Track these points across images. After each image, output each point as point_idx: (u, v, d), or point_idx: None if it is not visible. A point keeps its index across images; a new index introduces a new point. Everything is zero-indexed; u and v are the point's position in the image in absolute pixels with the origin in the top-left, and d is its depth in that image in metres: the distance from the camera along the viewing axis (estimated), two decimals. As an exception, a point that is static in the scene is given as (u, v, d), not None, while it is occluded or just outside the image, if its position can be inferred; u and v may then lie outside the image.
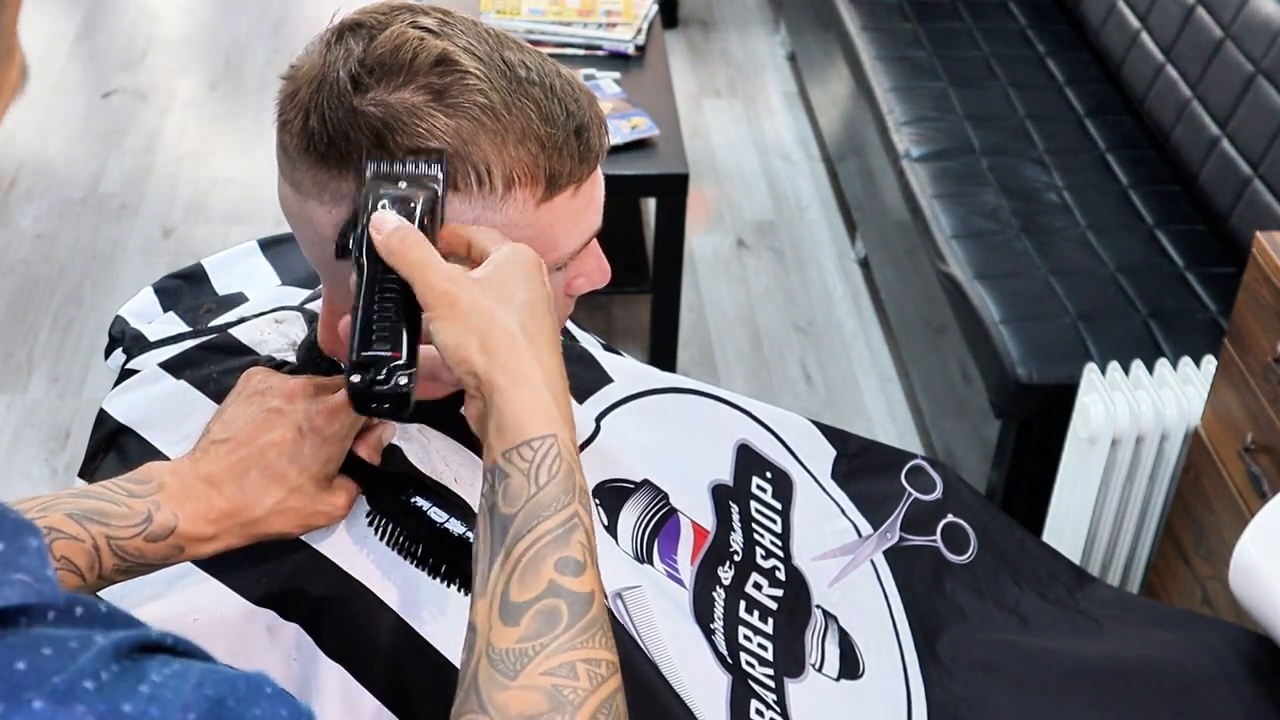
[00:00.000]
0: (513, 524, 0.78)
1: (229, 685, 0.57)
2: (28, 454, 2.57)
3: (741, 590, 1.17)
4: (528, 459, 0.79)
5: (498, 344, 0.81)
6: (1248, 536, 1.40)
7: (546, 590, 0.76)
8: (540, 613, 0.75)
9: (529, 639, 0.75)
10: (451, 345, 0.81)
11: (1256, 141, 2.22)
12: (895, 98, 2.78)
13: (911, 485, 1.37)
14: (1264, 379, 1.68)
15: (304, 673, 0.93)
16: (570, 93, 0.91)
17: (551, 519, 0.78)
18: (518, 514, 0.78)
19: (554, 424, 0.81)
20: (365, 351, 0.82)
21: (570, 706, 0.73)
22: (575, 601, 0.76)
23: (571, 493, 0.79)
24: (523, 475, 0.79)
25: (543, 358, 0.82)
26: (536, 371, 0.81)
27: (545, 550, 0.77)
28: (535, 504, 0.78)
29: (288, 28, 4.00)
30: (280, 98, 0.92)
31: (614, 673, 0.76)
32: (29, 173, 3.36)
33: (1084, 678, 1.27)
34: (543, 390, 0.81)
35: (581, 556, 0.77)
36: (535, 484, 0.79)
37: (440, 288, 0.81)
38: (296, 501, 0.90)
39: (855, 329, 2.97)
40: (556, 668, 0.74)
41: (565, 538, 0.78)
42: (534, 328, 0.82)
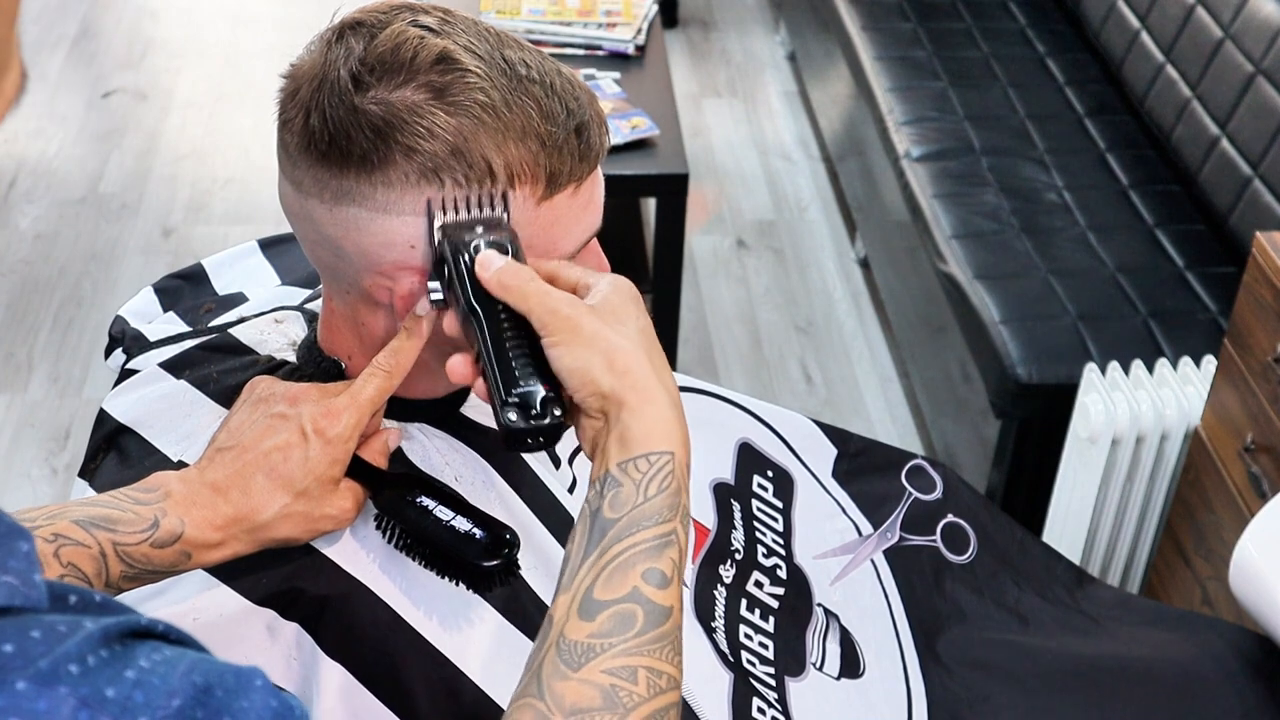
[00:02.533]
0: (612, 528, 0.80)
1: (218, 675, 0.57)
2: (28, 454, 2.56)
3: (743, 588, 1.17)
4: (643, 470, 0.81)
5: (626, 365, 0.82)
6: (1248, 536, 1.40)
7: (629, 595, 0.77)
8: (617, 614, 0.77)
9: (600, 636, 0.76)
10: (578, 368, 0.82)
11: (1256, 141, 2.22)
12: (895, 98, 2.78)
13: (912, 485, 1.37)
14: (1264, 379, 1.68)
15: (304, 672, 0.93)
16: (570, 91, 0.91)
17: (650, 530, 0.79)
18: (620, 519, 0.80)
19: (674, 442, 0.82)
20: (516, 389, 0.84)
21: (622, 708, 0.74)
22: (653, 611, 0.77)
23: (676, 510, 0.81)
24: (634, 485, 0.81)
25: (665, 379, 0.84)
26: (662, 390, 0.83)
27: (637, 557, 0.78)
28: (639, 513, 0.80)
29: (288, 27, 4.00)
30: (281, 96, 0.92)
31: (674, 688, 0.77)
32: (29, 173, 3.36)
33: (1084, 678, 1.28)
34: (668, 408, 0.83)
35: (669, 572, 0.79)
36: (644, 494, 0.80)
37: (562, 313, 0.83)
38: (302, 506, 0.90)
39: (855, 329, 2.97)
40: (619, 669, 0.75)
41: (659, 550, 0.79)
42: (654, 351, 0.85)
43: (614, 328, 0.83)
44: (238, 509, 0.89)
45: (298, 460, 0.90)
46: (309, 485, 0.90)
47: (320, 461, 0.90)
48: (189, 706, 0.55)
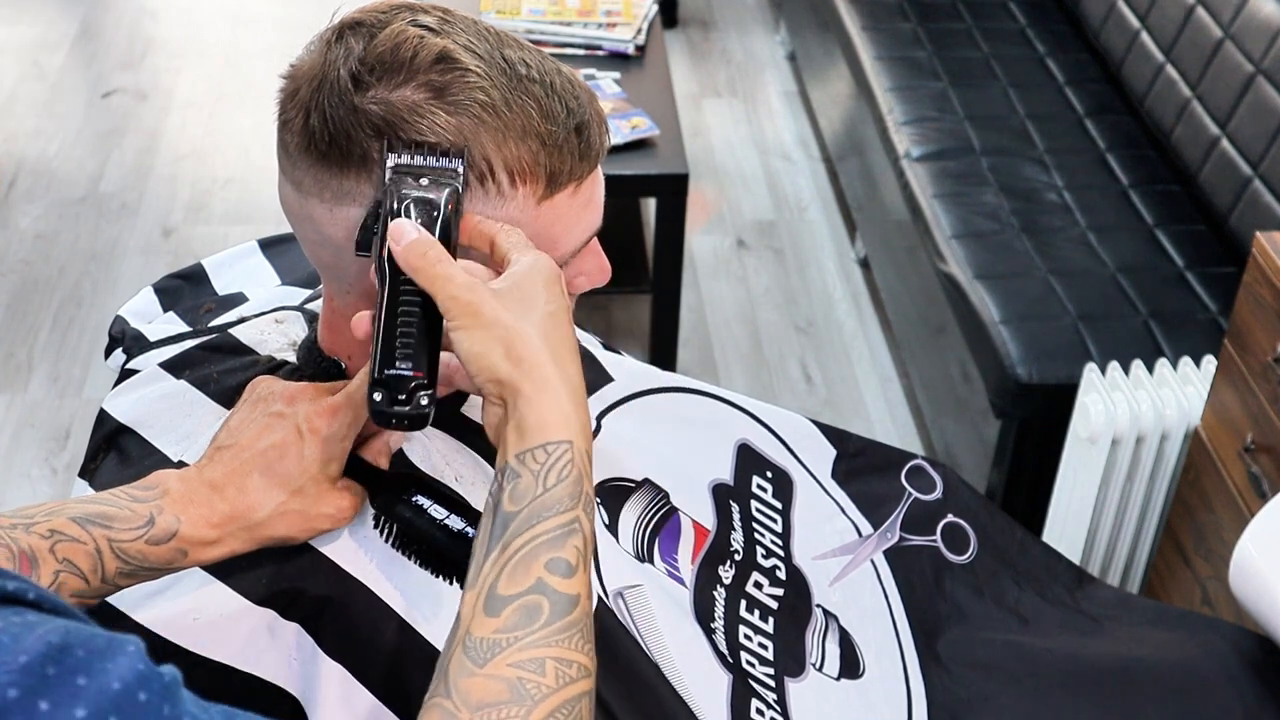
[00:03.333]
0: (514, 521, 0.79)
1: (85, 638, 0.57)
2: (28, 454, 2.56)
3: (742, 589, 1.17)
4: (540, 461, 0.80)
5: (523, 352, 0.81)
6: (1248, 536, 1.40)
7: (533, 587, 0.76)
8: (522, 607, 0.76)
9: (505, 631, 0.75)
10: (475, 354, 0.82)
11: (1256, 141, 2.22)
12: (895, 98, 2.78)
13: (911, 485, 1.37)
14: (1264, 379, 1.68)
15: (304, 672, 0.93)
16: (570, 90, 0.92)
17: (552, 520, 0.79)
18: (520, 512, 0.79)
19: (572, 431, 0.81)
20: (388, 370, 0.83)
21: (530, 700, 0.73)
22: (559, 601, 0.76)
23: (577, 499, 0.80)
24: (532, 476, 0.80)
25: (565, 366, 0.83)
26: (559, 379, 0.82)
27: (540, 549, 0.78)
28: (539, 504, 0.79)
29: (288, 27, 4.00)
30: (281, 97, 0.92)
31: (585, 677, 0.76)
32: (29, 173, 3.36)
33: (1084, 678, 1.28)
34: (564, 397, 0.82)
35: (574, 560, 0.78)
36: (543, 485, 0.79)
37: (463, 299, 0.82)
38: (298, 504, 0.90)
39: (855, 329, 2.97)
40: (525, 661, 0.74)
41: (562, 540, 0.78)
42: (556, 337, 0.83)
43: (517, 312, 0.82)
44: (234, 507, 0.89)
45: (293, 459, 0.90)
46: (305, 484, 0.90)
47: (315, 460, 0.90)
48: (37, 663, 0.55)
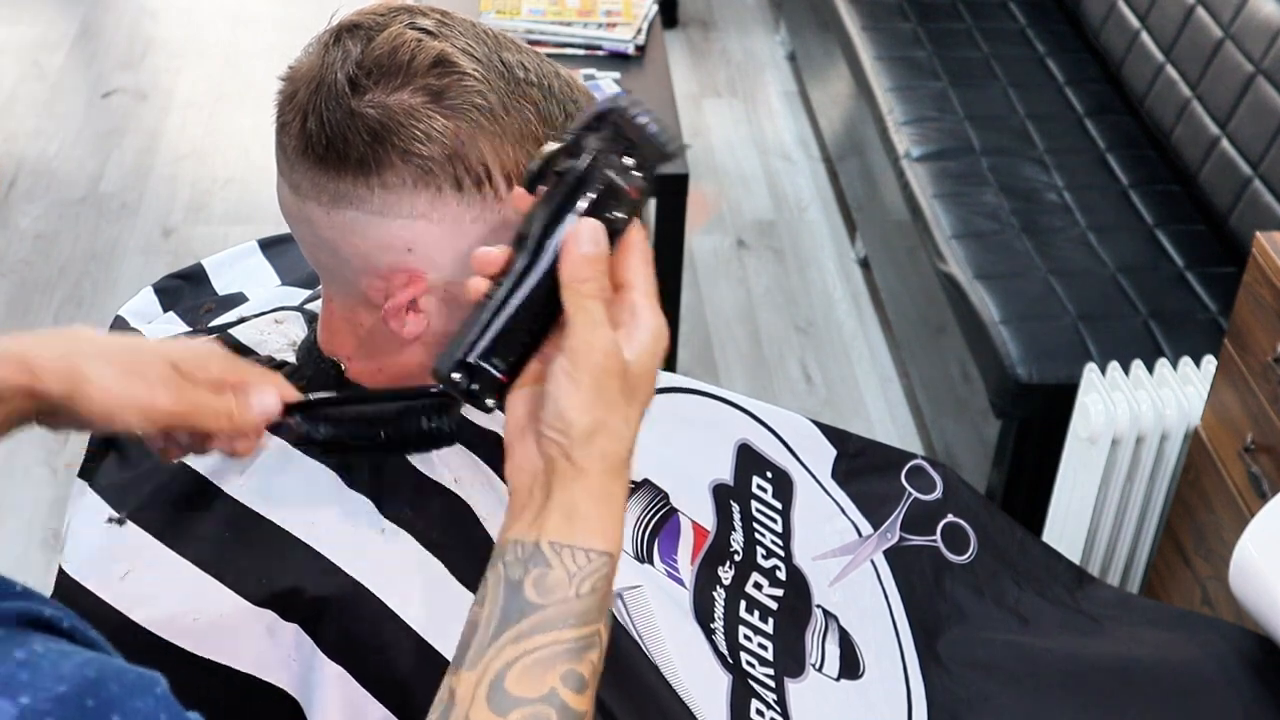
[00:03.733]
0: (534, 613, 0.75)
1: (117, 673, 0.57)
2: (28, 454, 2.57)
3: (742, 590, 1.17)
4: (580, 565, 0.77)
5: (610, 446, 0.78)
6: (1248, 536, 1.40)
7: (545, 696, 0.74)
8: (531, 715, 0.73)
9: None
10: (566, 411, 0.76)
11: (1256, 141, 2.22)
12: (895, 98, 2.78)
13: (911, 485, 1.37)
14: (1264, 379, 1.68)
15: (304, 673, 0.93)
16: (569, 94, 0.92)
17: (578, 629, 0.76)
18: (546, 608, 0.76)
19: (615, 546, 0.78)
20: (483, 359, 0.78)
21: None
22: (567, 717, 0.74)
23: (603, 612, 0.78)
24: (567, 576, 0.76)
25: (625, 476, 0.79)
26: (623, 490, 0.79)
27: (560, 657, 0.75)
28: (567, 609, 0.76)
29: (288, 27, 4.00)
30: (279, 99, 0.92)
31: None
32: (29, 173, 3.36)
33: (1084, 678, 1.28)
34: (620, 509, 0.79)
35: (588, 675, 0.76)
36: (576, 591, 0.76)
37: (595, 356, 0.76)
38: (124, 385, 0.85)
39: (855, 329, 2.97)
40: None
41: (580, 652, 0.76)
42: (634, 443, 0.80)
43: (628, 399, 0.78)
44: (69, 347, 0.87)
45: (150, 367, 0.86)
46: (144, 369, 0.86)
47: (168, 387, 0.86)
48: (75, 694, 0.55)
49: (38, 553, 2.34)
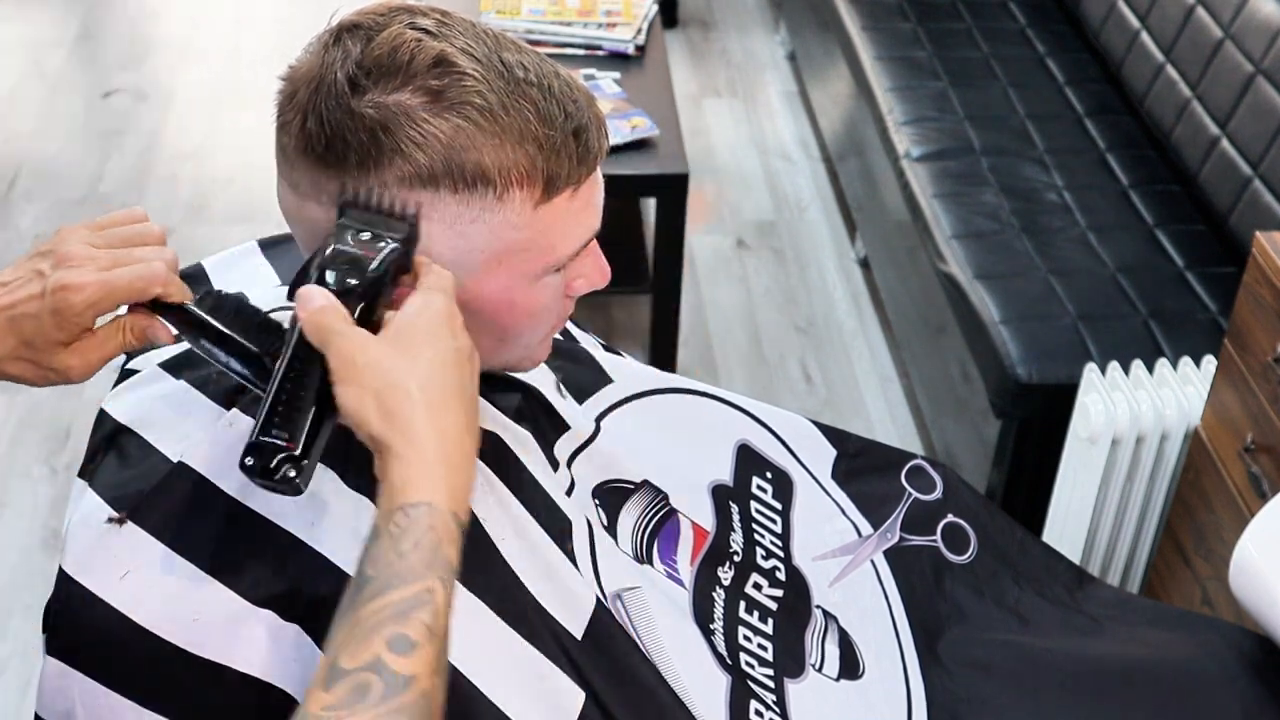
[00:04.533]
0: (367, 587, 0.76)
1: None
2: (28, 454, 2.57)
3: (741, 590, 1.17)
4: (400, 525, 0.77)
5: (393, 406, 0.80)
6: (1248, 536, 1.40)
7: (369, 664, 0.73)
8: (354, 684, 0.73)
9: (331, 708, 0.72)
10: (350, 408, 0.81)
11: (1256, 141, 2.22)
12: (895, 98, 2.78)
13: (911, 485, 1.37)
14: (1264, 379, 1.68)
15: (304, 674, 0.93)
16: (569, 94, 0.92)
17: (401, 590, 0.75)
18: (376, 578, 0.76)
19: (436, 492, 0.79)
20: (263, 436, 0.82)
21: None
22: (391, 682, 0.73)
23: (433, 567, 0.77)
24: (391, 540, 0.77)
25: (441, 420, 0.80)
26: (429, 436, 0.80)
27: (384, 621, 0.75)
28: (391, 572, 0.76)
29: (288, 28, 4.00)
30: (279, 99, 0.92)
31: None
32: (29, 173, 3.36)
33: (1084, 678, 1.28)
34: (430, 455, 0.79)
35: (417, 636, 0.74)
36: (397, 551, 0.77)
37: (343, 352, 0.81)
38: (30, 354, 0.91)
39: (855, 329, 2.97)
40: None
41: (407, 613, 0.75)
42: (437, 386, 0.81)
43: (397, 361, 0.81)
44: None
45: (31, 317, 0.90)
46: (38, 342, 0.90)
47: (49, 325, 0.89)
48: None
49: (38, 553, 2.34)
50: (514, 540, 1.01)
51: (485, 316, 0.95)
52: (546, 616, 1.00)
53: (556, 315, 1.00)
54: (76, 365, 0.92)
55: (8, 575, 2.29)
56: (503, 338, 0.98)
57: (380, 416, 0.80)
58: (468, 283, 0.93)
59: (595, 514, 1.12)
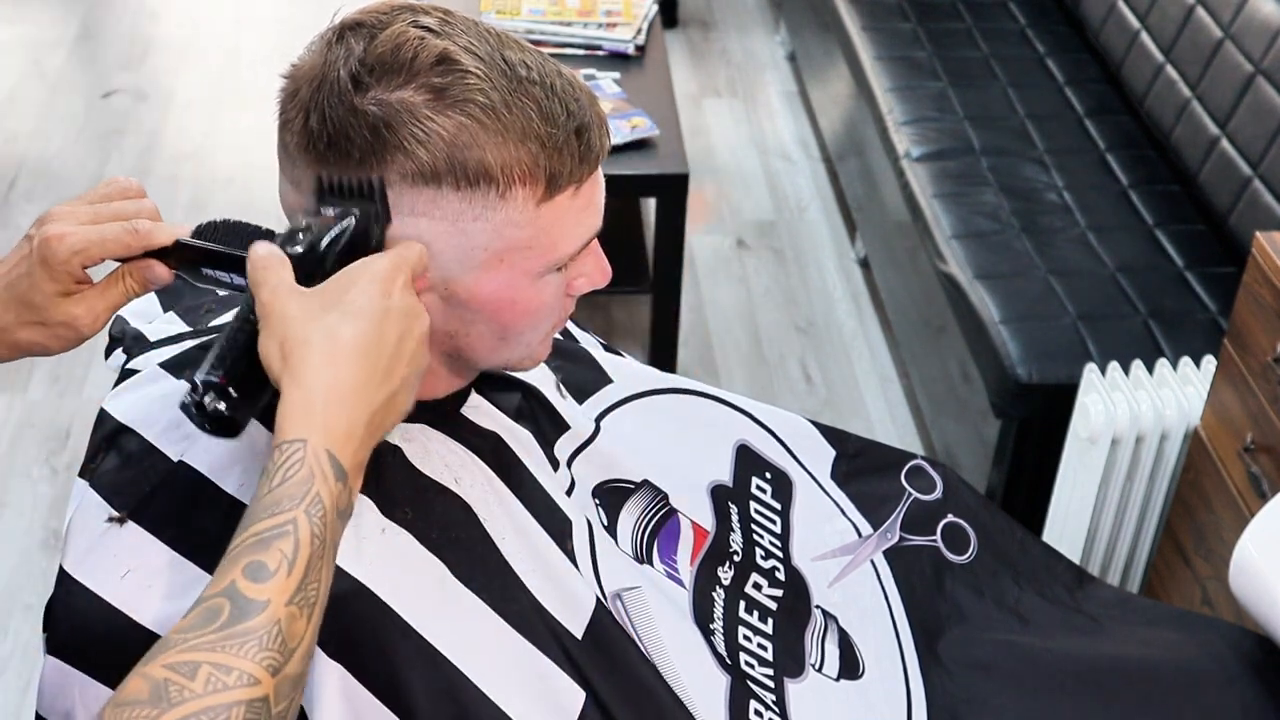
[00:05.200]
0: (242, 520, 0.77)
1: None
2: (28, 454, 2.57)
3: (741, 590, 1.18)
4: (275, 461, 0.78)
5: (291, 349, 0.81)
6: (1248, 536, 1.40)
7: (223, 589, 0.74)
8: (206, 608, 0.73)
9: (182, 631, 0.72)
10: (261, 352, 0.82)
11: (1256, 141, 2.22)
12: (895, 98, 2.78)
13: (911, 485, 1.37)
14: (1264, 379, 1.68)
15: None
16: (571, 93, 0.92)
17: (266, 521, 0.76)
18: (248, 514, 0.77)
19: (312, 430, 0.79)
20: (202, 375, 0.84)
21: (165, 703, 0.69)
22: (241, 606, 0.73)
23: (299, 500, 0.77)
24: (266, 476, 0.78)
25: (338, 368, 0.81)
26: (317, 380, 0.80)
27: (246, 550, 0.75)
28: (260, 504, 0.77)
29: (289, 27, 4.00)
30: (281, 96, 0.92)
31: (246, 685, 0.71)
32: (29, 173, 3.36)
33: (1084, 678, 1.28)
34: (316, 394, 0.80)
35: (275, 564, 0.74)
36: (269, 485, 0.78)
37: (265, 300, 0.83)
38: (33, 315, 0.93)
39: (855, 329, 2.97)
40: (180, 663, 0.71)
41: (269, 542, 0.75)
42: (343, 337, 0.81)
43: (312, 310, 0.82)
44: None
45: (24, 275, 0.92)
46: (36, 299, 0.92)
47: (40, 279, 0.91)
48: None
49: (38, 553, 2.34)
50: (514, 539, 1.01)
51: (486, 315, 0.95)
52: (547, 616, 1.00)
53: (557, 314, 1.01)
54: (82, 314, 0.94)
55: (8, 575, 2.29)
56: (503, 336, 0.98)
57: (280, 360, 0.81)
58: (469, 281, 0.93)
59: (595, 514, 1.12)
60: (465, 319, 0.95)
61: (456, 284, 0.93)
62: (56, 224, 0.92)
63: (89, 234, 0.91)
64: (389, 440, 0.99)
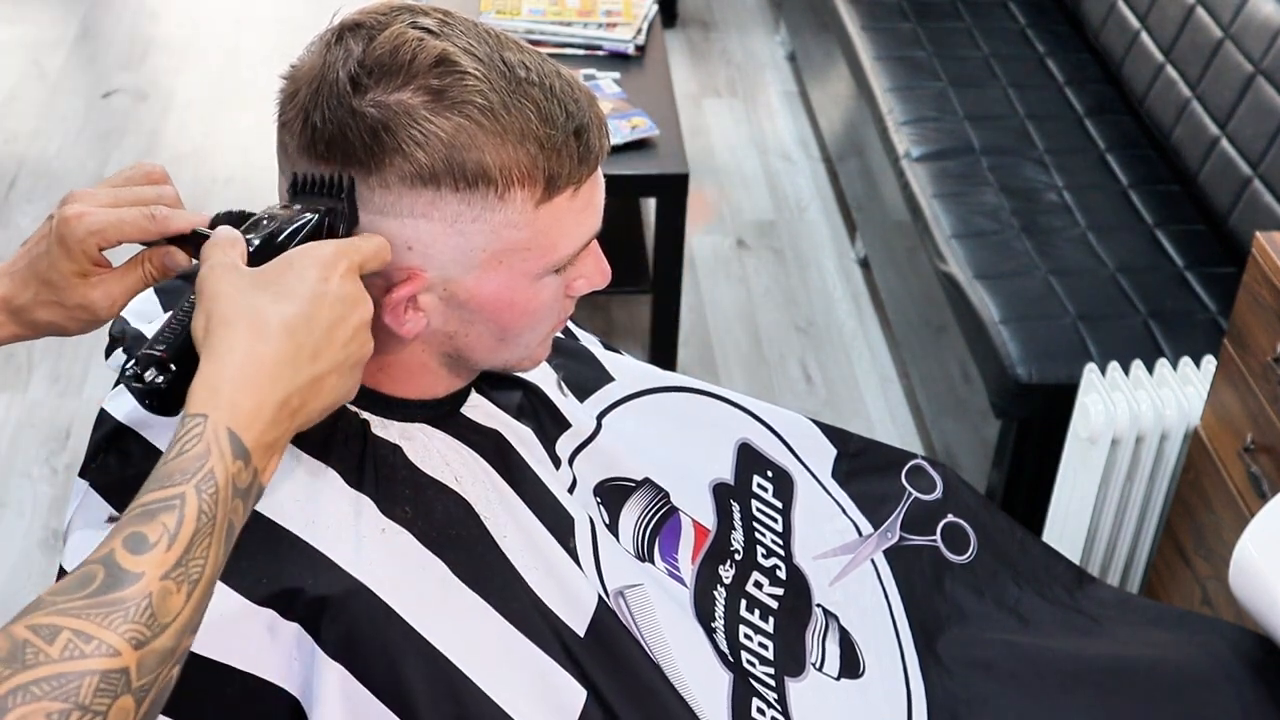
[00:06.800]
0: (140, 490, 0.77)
1: None
2: (28, 454, 2.57)
3: (742, 589, 1.18)
4: (178, 434, 0.78)
5: (214, 325, 0.81)
6: (1248, 536, 1.40)
7: (101, 557, 0.73)
8: (82, 574, 0.73)
9: (54, 593, 0.72)
10: (193, 329, 0.82)
11: (1256, 141, 2.22)
12: (895, 98, 2.78)
13: (912, 485, 1.37)
14: (1264, 379, 1.68)
15: (304, 673, 0.93)
16: (570, 94, 0.92)
17: (156, 493, 0.76)
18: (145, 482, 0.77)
19: (216, 406, 0.78)
20: (145, 350, 0.85)
21: (19, 664, 0.68)
22: (114, 574, 0.72)
23: (191, 475, 0.76)
24: (166, 447, 0.78)
25: (255, 346, 0.80)
26: (230, 357, 0.80)
27: (132, 520, 0.75)
28: (154, 476, 0.77)
29: (288, 27, 4.00)
30: (280, 97, 0.92)
31: (104, 656, 0.70)
32: (29, 173, 3.36)
33: (1084, 678, 1.28)
34: (223, 374, 0.79)
35: (155, 537, 0.74)
36: (165, 457, 0.77)
37: (203, 277, 0.83)
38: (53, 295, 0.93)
39: (855, 329, 2.97)
40: (42, 625, 0.70)
41: (154, 514, 0.74)
42: (271, 314, 0.81)
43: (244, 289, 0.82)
44: (5, 291, 0.94)
45: (43, 255, 0.93)
46: (54, 278, 0.93)
47: (58, 257, 0.92)
48: None
49: (38, 553, 2.34)
50: (515, 537, 1.01)
51: (485, 316, 0.95)
52: (548, 614, 1.00)
53: (557, 315, 1.01)
54: (99, 299, 0.94)
55: (8, 575, 2.29)
56: (503, 337, 0.98)
57: (203, 335, 0.81)
58: (468, 282, 0.93)
59: (597, 512, 1.12)
60: (464, 320, 0.95)
61: (456, 285, 0.93)
62: (76, 204, 0.92)
63: (106, 216, 0.92)
64: (389, 439, 1.00)
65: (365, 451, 0.98)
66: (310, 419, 0.84)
